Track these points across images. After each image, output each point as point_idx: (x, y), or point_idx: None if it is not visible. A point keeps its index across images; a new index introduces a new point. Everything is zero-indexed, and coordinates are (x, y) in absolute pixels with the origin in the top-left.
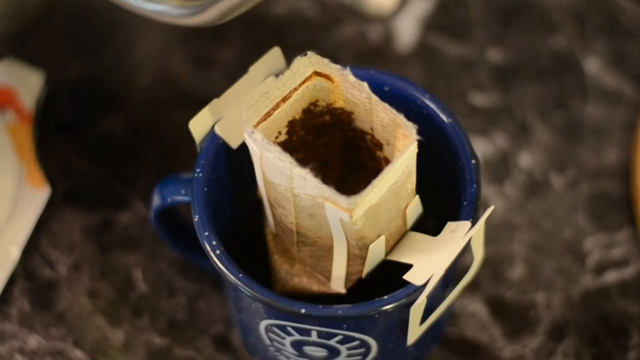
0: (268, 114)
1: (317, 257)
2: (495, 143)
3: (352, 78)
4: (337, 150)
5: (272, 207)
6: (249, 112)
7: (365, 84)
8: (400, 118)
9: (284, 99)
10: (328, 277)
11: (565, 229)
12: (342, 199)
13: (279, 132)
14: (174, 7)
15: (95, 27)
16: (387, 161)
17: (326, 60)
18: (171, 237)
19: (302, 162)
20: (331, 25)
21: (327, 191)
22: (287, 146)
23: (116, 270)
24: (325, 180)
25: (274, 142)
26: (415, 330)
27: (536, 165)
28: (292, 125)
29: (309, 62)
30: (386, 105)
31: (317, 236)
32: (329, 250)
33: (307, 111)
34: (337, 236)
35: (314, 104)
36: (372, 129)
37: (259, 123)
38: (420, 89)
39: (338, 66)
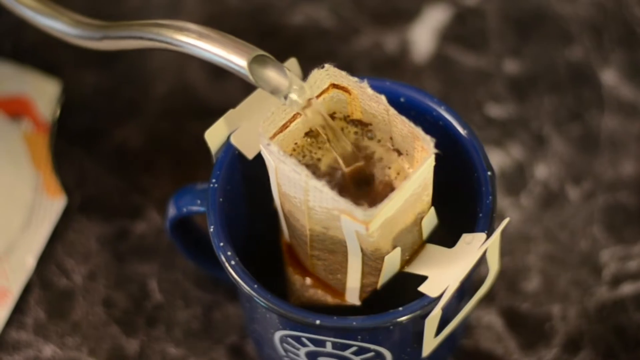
0: (284, 126)
1: (331, 270)
2: (512, 154)
3: (370, 90)
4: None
5: (287, 219)
6: (265, 124)
7: (383, 97)
8: (418, 131)
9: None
10: (343, 290)
11: (581, 240)
12: (358, 212)
13: (296, 144)
14: (67, 26)
15: None
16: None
17: (344, 73)
18: (186, 247)
19: (318, 162)
20: (347, 36)
21: (344, 204)
22: (303, 152)
23: (131, 280)
24: (339, 182)
25: (291, 153)
26: (430, 342)
27: (552, 177)
28: (309, 136)
29: (326, 75)
30: (404, 117)
31: (331, 250)
32: (342, 263)
33: None
34: (352, 249)
35: (332, 115)
36: (391, 138)
37: (275, 135)
38: (437, 100)
39: (355, 78)
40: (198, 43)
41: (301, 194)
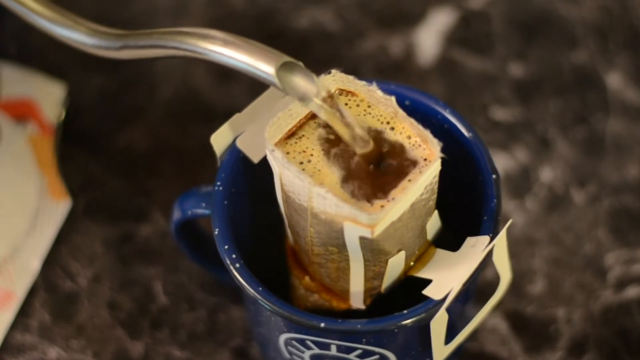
0: (291, 131)
1: (333, 277)
2: (517, 158)
3: (379, 93)
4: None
5: (290, 224)
6: (271, 129)
7: (393, 99)
8: (427, 133)
9: (307, 117)
10: (346, 295)
11: (586, 244)
12: (363, 216)
13: (313, 151)
14: (84, 36)
15: None
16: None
17: (351, 77)
18: (191, 250)
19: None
20: (352, 39)
21: (348, 209)
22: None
23: (136, 283)
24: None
25: (309, 159)
26: (440, 350)
27: (557, 180)
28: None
29: (332, 80)
30: (412, 120)
31: (332, 259)
32: (344, 271)
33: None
34: (354, 257)
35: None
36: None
37: (283, 140)
38: (442, 103)
39: (363, 82)
40: (224, 50)
41: (305, 200)
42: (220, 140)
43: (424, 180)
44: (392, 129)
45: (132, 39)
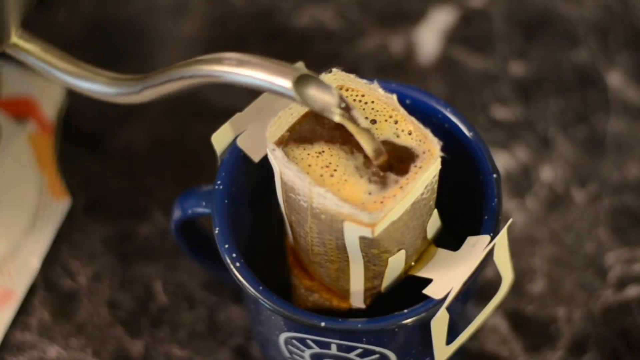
0: (292, 129)
1: (333, 277)
2: (517, 157)
3: (381, 91)
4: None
5: (290, 224)
6: (272, 129)
7: (395, 97)
8: (427, 132)
9: (307, 115)
10: (346, 294)
11: (587, 243)
12: (364, 215)
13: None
14: (105, 86)
15: (116, 38)
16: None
17: (352, 76)
18: (191, 249)
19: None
20: (353, 38)
21: (348, 208)
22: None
23: (136, 282)
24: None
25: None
26: (442, 350)
27: (558, 180)
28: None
29: (334, 79)
30: (413, 119)
31: (331, 259)
32: (344, 271)
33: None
34: (353, 257)
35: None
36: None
37: (284, 141)
38: (442, 102)
39: (365, 80)
40: (239, 70)
41: (305, 199)
42: (221, 139)
43: (424, 180)
44: (396, 122)
45: (150, 80)
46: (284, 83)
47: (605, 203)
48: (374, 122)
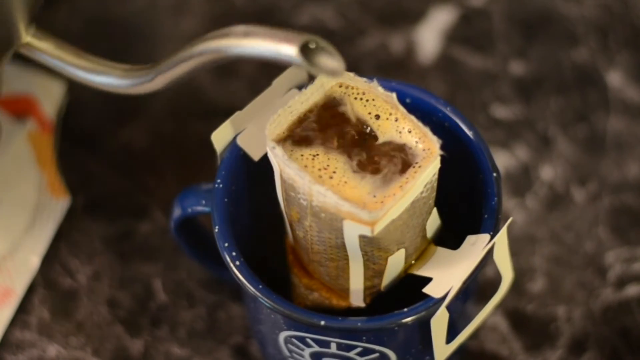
0: (289, 130)
1: (332, 276)
2: (517, 156)
3: (380, 89)
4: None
5: (290, 222)
6: (272, 127)
7: (394, 95)
8: (427, 131)
9: (308, 113)
10: (346, 293)
11: (587, 242)
12: (363, 213)
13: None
14: (119, 78)
15: (116, 37)
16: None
17: (351, 75)
18: (191, 248)
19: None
20: (353, 37)
21: (348, 206)
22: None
23: (136, 280)
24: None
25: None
26: (442, 349)
27: (558, 179)
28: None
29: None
30: (413, 117)
31: (331, 257)
32: (344, 269)
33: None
34: (353, 255)
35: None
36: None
37: (284, 138)
38: (442, 101)
39: (364, 79)
40: (245, 42)
41: (305, 198)
42: (220, 137)
43: (424, 178)
44: (396, 120)
45: (160, 65)
46: (290, 50)
47: (605, 202)
48: (377, 117)
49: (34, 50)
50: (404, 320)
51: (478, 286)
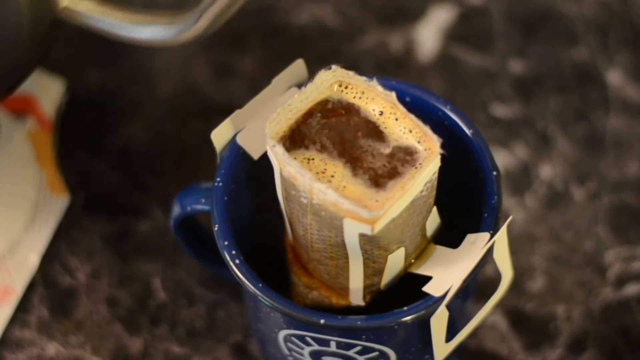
0: (287, 131)
1: (332, 274)
2: (517, 154)
3: (380, 88)
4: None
5: (290, 221)
6: (271, 125)
7: (393, 94)
8: (426, 130)
9: (304, 116)
10: (346, 291)
11: (586, 241)
12: (364, 212)
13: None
14: (166, 27)
15: None
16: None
17: (351, 73)
18: (191, 246)
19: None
20: (352, 35)
21: (348, 204)
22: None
23: (135, 279)
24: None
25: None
26: (441, 348)
27: (557, 177)
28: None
29: (333, 76)
30: (412, 116)
31: (331, 256)
32: (344, 268)
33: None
34: (353, 253)
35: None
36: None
37: (285, 137)
38: (442, 99)
39: (364, 77)
40: None
41: (305, 196)
42: (220, 136)
43: (423, 177)
44: (396, 119)
45: (200, 7)
46: None
47: (604, 201)
48: (381, 113)
49: (74, 13)
50: (404, 319)
51: (478, 285)
